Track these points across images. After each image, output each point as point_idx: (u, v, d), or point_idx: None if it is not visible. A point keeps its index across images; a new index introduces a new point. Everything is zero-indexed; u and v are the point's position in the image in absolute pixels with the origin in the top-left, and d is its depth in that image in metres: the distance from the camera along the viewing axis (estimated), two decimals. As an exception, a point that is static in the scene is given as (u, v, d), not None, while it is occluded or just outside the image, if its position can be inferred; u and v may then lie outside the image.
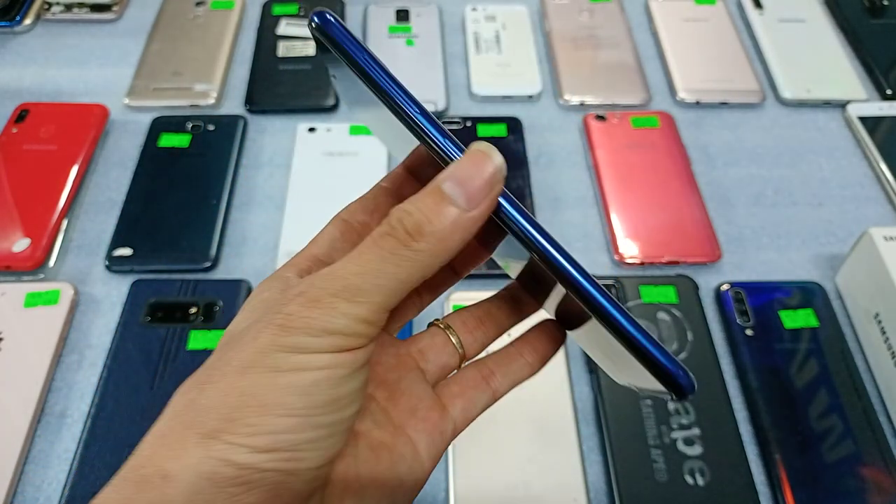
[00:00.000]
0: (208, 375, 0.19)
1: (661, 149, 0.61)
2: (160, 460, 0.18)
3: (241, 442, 0.18)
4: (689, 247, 0.55)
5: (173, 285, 0.51)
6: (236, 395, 0.18)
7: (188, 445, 0.18)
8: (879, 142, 0.62)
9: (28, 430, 0.44)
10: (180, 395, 0.19)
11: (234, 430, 0.18)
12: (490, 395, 0.25)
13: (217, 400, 0.18)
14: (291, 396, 0.18)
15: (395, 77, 0.21)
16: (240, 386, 0.18)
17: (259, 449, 0.18)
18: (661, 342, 0.48)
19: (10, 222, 0.53)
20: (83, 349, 0.49)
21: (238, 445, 0.18)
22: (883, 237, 0.49)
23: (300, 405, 0.18)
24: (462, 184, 0.19)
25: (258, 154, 0.61)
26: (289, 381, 0.18)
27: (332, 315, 0.19)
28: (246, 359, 0.19)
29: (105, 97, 0.64)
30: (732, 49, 0.70)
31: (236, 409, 0.18)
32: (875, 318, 0.49)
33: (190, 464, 0.17)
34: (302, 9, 0.72)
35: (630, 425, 0.45)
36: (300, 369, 0.18)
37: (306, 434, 0.18)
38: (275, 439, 0.18)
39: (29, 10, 0.71)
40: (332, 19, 0.20)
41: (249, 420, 0.18)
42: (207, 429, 0.18)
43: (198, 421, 0.18)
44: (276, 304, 0.20)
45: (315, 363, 0.18)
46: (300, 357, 0.18)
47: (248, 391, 0.18)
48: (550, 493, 0.43)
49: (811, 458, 0.44)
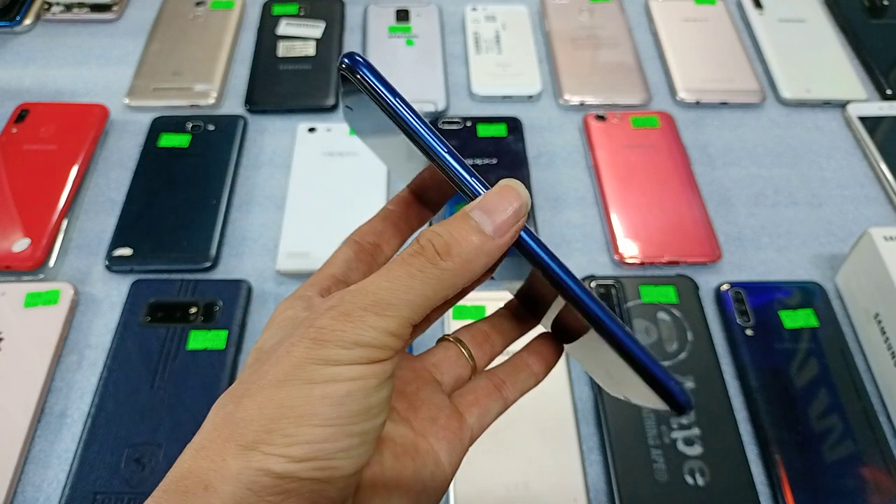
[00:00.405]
0: (245, 389, 0.20)
1: (661, 149, 0.61)
2: (201, 472, 0.18)
3: (279, 452, 0.18)
4: (689, 247, 0.55)
5: (173, 285, 0.51)
6: (273, 407, 0.19)
7: (228, 457, 0.18)
8: (879, 142, 0.62)
9: (28, 430, 0.44)
10: (217, 408, 0.20)
11: (272, 440, 0.18)
12: (502, 404, 0.26)
13: (254, 412, 0.19)
14: (326, 407, 0.19)
15: (423, 119, 0.22)
16: (276, 398, 0.19)
17: (297, 459, 0.18)
18: (660, 356, 0.48)
19: (10, 222, 0.53)
20: (83, 349, 0.49)
21: (277, 456, 0.18)
22: (883, 237, 0.49)
23: (335, 415, 0.19)
24: (490, 213, 0.21)
25: (258, 154, 0.61)
26: (323, 392, 0.19)
27: (363, 328, 0.19)
28: (281, 372, 0.19)
29: (105, 97, 0.64)
30: (732, 49, 0.70)
31: (273, 420, 0.19)
32: (875, 318, 0.49)
33: (230, 475, 0.18)
34: (302, 9, 0.72)
35: (630, 425, 0.45)
36: (334, 381, 0.19)
37: (341, 443, 0.19)
38: (311, 449, 0.19)
39: (29, 10, 0.71)
40: (361, 60, 0.22)
41: (287, 431, 0.18)
42: (246, 440, 0.19)
43: (236, 433, 0.19)
44: (308, 319, 0.21)
45: (347, 374, 0.19)
46: (333, 369, 0.19)
47: (284, 403, 0.19)
48: (550, 493, 0.43)
49: (811, 458, 0.44)
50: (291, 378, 0.19)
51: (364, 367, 0.19)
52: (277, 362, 0.20)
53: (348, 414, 0.19)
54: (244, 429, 0.19)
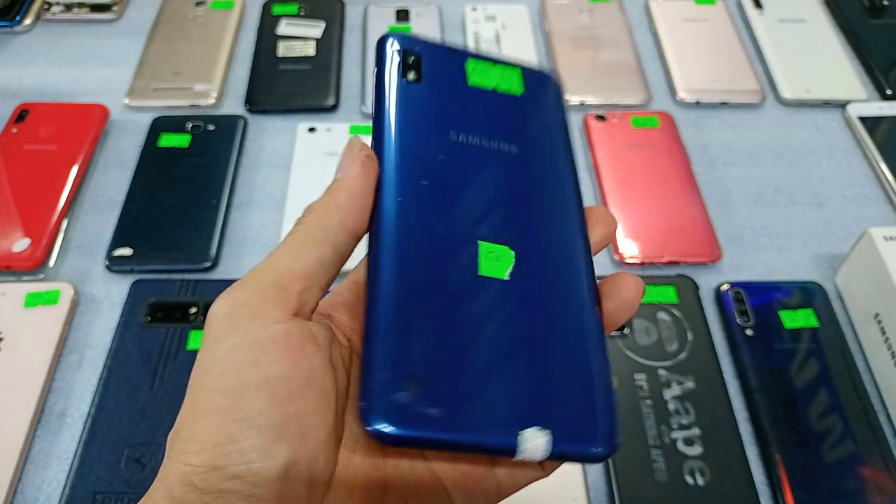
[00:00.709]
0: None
1: (661, 149, 0.61)
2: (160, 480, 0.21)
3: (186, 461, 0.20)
4: (689, 247, 0.55)
5: (173, 285, 0.51)
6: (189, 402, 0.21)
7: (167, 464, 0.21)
8: (879, 142, 0.62)
9: (28, 430, 0.44)
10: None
11: (178, 446, 0.20)
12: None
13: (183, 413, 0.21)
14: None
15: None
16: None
17: (205, 467, 0.19)
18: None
19: (10, 222, 0.53)
20: (83, 349, 0.49)
21: (186, 465, 0.20)
22: (883, 237, 0.49)
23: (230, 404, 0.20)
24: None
25: (258, 154, 0.61)
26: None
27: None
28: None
29: (105, 97, 0.64)
30: (732, 49, 0.70)
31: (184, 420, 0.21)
32: (875, 318, 0.49)
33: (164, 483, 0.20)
34: (302, 9, 0.72)
35: (630, 425, 0.45)
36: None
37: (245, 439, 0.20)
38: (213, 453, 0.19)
39: (29, 10, 0.71)
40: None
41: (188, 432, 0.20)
42: (171, 449, 0.21)
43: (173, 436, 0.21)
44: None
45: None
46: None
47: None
48: (550, 493, 0.43)
49: (811, 458, 0.44)
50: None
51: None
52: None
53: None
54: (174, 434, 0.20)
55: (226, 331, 0.20)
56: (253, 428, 0.18)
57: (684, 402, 0.46)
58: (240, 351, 0.19)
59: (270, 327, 0.19)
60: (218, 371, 0.19)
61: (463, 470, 0.21)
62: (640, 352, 0.48)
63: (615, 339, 0.49)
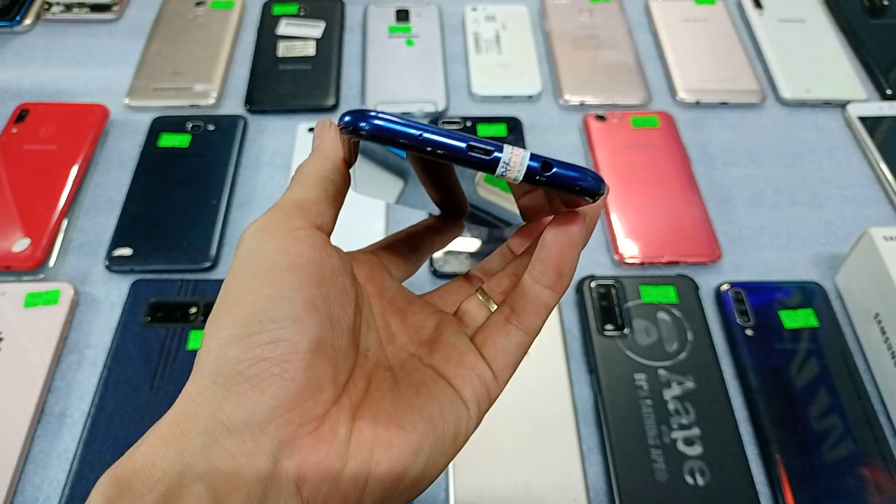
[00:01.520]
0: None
1: (661, 149, 0.61)
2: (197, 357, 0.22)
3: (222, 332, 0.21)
4: (689, 247, 0.55)
5: (173, 285, 0.51)
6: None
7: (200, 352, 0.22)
8: (879, 142, 0.62)
9: (28, 430, 0.44)
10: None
11: (217, 320, 0.21)
12: (522, 334, 0.24)
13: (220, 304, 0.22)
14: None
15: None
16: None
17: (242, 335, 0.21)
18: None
19: (10, 222, 0.53)
20: (83, 349, 0.49)
21: (222, 335, 0.21)
22: (883, 237, 0.49)
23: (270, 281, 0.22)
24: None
25: (258, 154, 0.61)
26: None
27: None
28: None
29: (105, 97, 0.64)
30: (732, 49, 0.70)
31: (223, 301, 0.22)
32: (875, 318, 0.49)
33: (197, 365, 0.21)
34: (302, 9, 0.72)
35: (630, 425, 0.45)
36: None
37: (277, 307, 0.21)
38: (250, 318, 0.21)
39: (29, 10, 0.71)
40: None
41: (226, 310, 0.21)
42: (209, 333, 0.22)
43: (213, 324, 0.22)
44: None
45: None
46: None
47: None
48: (550, 493, 0.43)
49: (811, 458, 0.44)
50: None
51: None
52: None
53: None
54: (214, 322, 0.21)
55: (255, 240, 0.22)
56: (286, 299, 0.20)
57: (684, 402, 0.46)
58: (269, 246, 0.21)
59: (297, 231, 0.22)
60: (250, 262, 0.21)
61: (457, 361, 0.24)
62: (640, 352, 0.48)
63: (615, 339, 0.49)
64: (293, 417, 0.19)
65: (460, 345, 0.25)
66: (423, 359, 0.25)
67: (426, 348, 0.25)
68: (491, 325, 0.25)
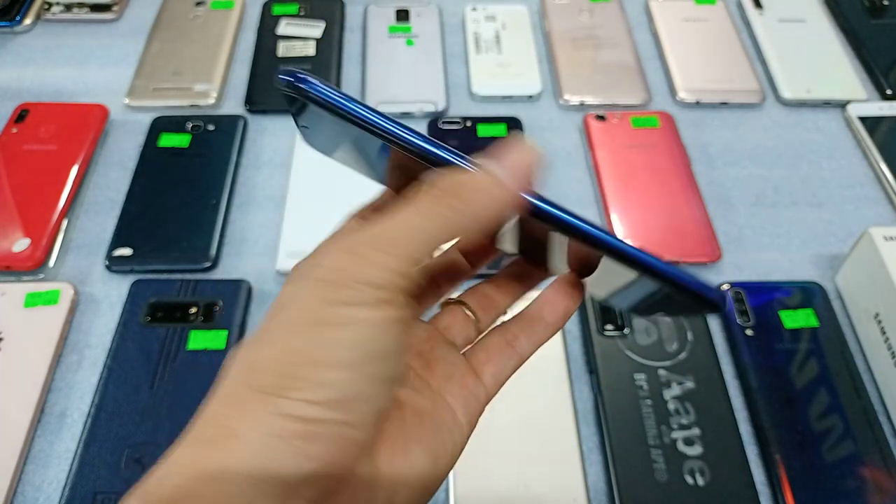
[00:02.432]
0: (261, 336, 0.20)
1: (661, 149, 0.61)
2: (225, 420, 0.19)
3: (300, 397, 0.18)
4: (689, 247, 0.55)
5: (173, 285, 0.51)
6: (289, 352, 0.19)
7: (249, 404, 0.18)
8: (879, 142, 0.62)
9: (28, 430, 0.44)
10: (237, 358, 0.20)
11: (292, 385, 0.18)
12: (517, 359, 0.26)
13: (272, 358, 0.19)
14: (341, 350, 0.19)
15: (390, 117, 0.21)
16: (292, 343, 0.19)
17: (318, 402, 0.18)
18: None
19: (10, 222, 0.53)
20: (83, 349, 0.49)
21: (298, 400, 0.18)
22: (883, 237, 0.49)
23: (349, 358, 0.19)
24: (502, 163, 0.21)
25: (258, 154, 0.61)
26: (336, 336, 0.19)
27: (367, 265, 0.19)
28: (294, 316, 0.19)
29: (105, 97, 0.64)
30: (732, 49, 0.70)
31: (292, 364, 0.19)
32: (875, 318, 0.49)
33: (255, 422, 0.18)
34: (302, 9, 0.72)
35: (630, 425, 0.45)
36: (344, 323, 0.19)
37: (359, 386, 0.19)
38: (331, 392, 0.19)
39: (29, 10, 0.71)
40: (305, 77, 0.21)
41: (305, 375, 0.19)
42: (267, 386, 0.19)
43: (256, 380, 0.19)
44: (314, 256, 0.21)
45: (356, 316, 0.19)
46: (343, 311, 0.19)
47: (300, 348, 0.19)
48: (550, 493, 0.43)
49: (811, 458, 0.44)
50: (304, 322, 0.19)
51: (373, 308, 0.19)
52: (289, 306, 0.20)
53: (363, 357, 0.19)
54: (263, 375, 0.19)
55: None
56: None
57: (684, 402, 0.46)
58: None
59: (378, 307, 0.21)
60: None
61: (458, 381, 0.24)
62: (640, 352, 0.48)
63: (615, 339, 0.49)
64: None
65: (458, 364, 0.25)
66: (418, 370, 0.25)
67: (420, 361, 0.25)
68: (493, 347, 0.26)
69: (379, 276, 0.19)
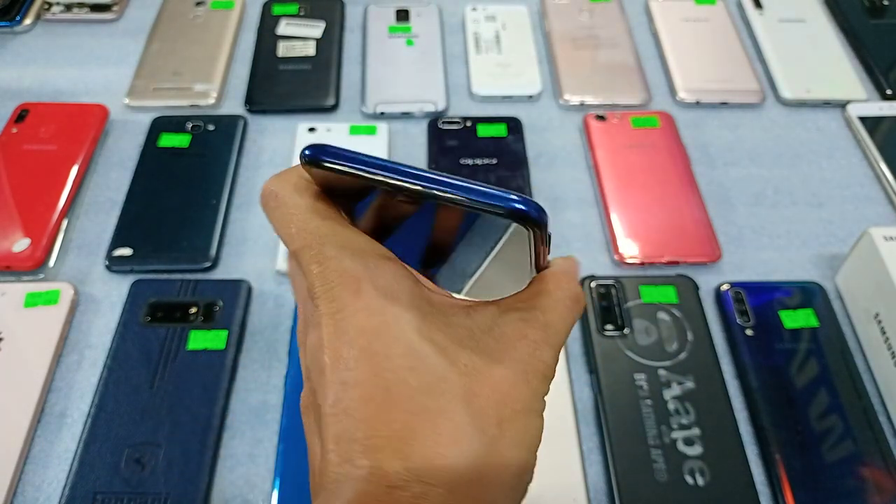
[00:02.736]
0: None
1: (661, 149, 0.61)
2: None
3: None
4: (689, 247, 0.55)
5: (173, 285, 0.51)
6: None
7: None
8: (879, 142, 0.62)
9: (28, 430, 0.44)
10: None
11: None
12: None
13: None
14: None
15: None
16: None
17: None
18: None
19: (10, 222, 0.53)
20: (83, 349, 0.49)
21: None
22: (883, 237, 0.49)
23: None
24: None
25: (258, 154, 0.61)
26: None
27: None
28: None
29: (105, 97, 0.64)
30: (732, 49, 0.70)
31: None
32: (875, 318, 0.49)
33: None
34: (302, 9, 0.72)
35: (630, 425, 0.45)
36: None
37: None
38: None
39: (29, 10, 0.71)
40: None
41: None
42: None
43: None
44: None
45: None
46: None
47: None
48: (550, 493, 0.43)
49: (811, 458, 0.44)
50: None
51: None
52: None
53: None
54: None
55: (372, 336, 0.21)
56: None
57: (684, 402, 0.46)
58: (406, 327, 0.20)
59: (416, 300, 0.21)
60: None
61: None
62: (640, 352, 0.48)
63: (615, 339, 0.49)
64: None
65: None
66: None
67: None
68: None
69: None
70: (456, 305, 0.22)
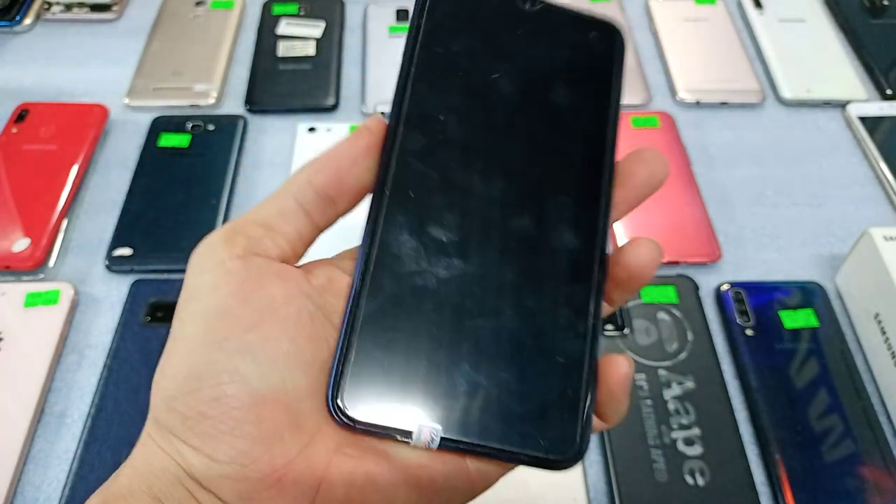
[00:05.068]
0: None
1: (662, 149, 0.61)
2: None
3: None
4: (689, 247, 0.55)
5: (173, 285, 0.51)
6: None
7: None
8: (879, 142, 0.62)
9: (28, 430, 0.44)
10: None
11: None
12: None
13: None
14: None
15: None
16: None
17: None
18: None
19: (10, 222, 0.53)
20: (83, 349, 0.49)
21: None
22: (883, 237, 0.49)
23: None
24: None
25: (258, 154, 0.61)
26: None
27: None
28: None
29: (105, 97, 0.64)
30: (732, 49, 0.70)
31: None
32: (875, 318, 0.49)
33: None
34: (302, 8, 0.72)
35: (630, 425, 0.45)
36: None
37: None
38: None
39: (29, 10, 0.71)
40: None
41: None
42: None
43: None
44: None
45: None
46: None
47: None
48: (550, 492, 0.43)
49: (811, 458, 0.44)
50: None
51: None
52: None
53: None
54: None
55: (196, 268, 0.22)
56: (221, 350, 0.20)
57: (684, 402, 0.46)
58: (201, 281, 0.21)
59: (228, 263, 0.21)
60: (184, 301, 0.21)
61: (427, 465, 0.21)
62: (640, 352, 0.48)
63: (615, 339, 0.49)
64: (249, 472, 0.19)
65: None
66: None
67: None
68: None
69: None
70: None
